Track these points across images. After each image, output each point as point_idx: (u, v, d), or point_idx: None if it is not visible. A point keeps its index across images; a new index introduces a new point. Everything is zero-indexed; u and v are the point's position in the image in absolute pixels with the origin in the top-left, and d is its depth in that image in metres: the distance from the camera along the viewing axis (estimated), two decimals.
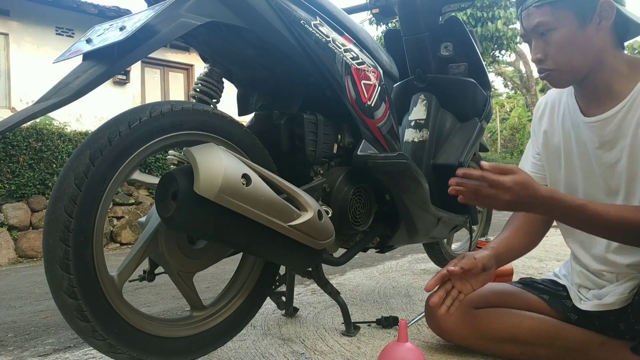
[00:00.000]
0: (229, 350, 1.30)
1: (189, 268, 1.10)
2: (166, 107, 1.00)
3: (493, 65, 11.97)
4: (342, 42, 1.25)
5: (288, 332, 1.45)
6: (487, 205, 0.98)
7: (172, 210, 0.93)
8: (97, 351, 1.10)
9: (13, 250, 3.91)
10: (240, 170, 0.95)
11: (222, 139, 1.08)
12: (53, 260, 0.87)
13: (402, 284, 2.10)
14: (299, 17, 1.13)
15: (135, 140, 0.95)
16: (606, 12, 0.95)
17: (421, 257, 2.82)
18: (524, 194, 0.93)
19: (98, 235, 0.91)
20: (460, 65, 1.82)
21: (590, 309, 1.10)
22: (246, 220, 0.97)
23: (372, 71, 1.32)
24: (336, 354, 1.24)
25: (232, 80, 1.32)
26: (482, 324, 1.19)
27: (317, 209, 1.09)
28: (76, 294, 0.87)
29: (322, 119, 1.27)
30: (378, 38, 9.64)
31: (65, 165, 0.90)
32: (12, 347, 1.44)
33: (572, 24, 0.96)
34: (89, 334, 0.91)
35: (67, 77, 0.86)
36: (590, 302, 1.11)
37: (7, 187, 3.94)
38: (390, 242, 1.54)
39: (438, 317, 1.20)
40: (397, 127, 1.47)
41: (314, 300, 1.85)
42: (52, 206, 0.88)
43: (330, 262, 1.35)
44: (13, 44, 7.47)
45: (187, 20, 0.94)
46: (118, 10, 8.04)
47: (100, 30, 0.93)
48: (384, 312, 1.64)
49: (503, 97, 23.03)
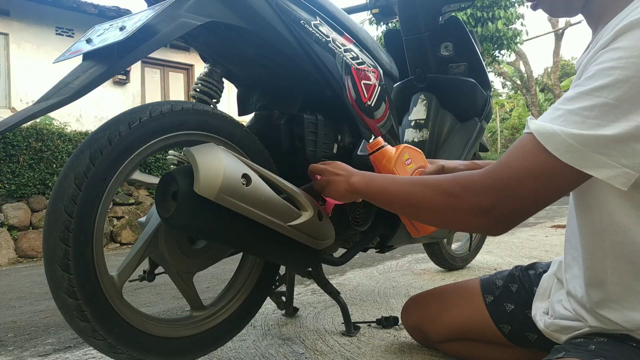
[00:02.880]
0: (229, 350, 1.30)
1: (189, 268, 1.10)
2: (166, 107, 1.00)
3: (493, 65, 11.97)
4: (342, 42, 1.25)
5: (288, 332, 1.45)
6: (326, 194, 1.05)
7: (172, 210, 0.93)
8: (97, 351, 1.10)
9: (13, 250, 3.91)
10: (240, 170, 0.95)
11: (222, 139, 1.08)
12: (53, 260, 0.87)
13: (402, 284, 2.10)
14: (299, 17, 1.13)
15: (135, 140, 0.95)
16: None
17: (421, 257, 2.82)
18: (337, 170, 1.00)
19: (98, 235, 0.91)
20: (460, 65, 1.82)
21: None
22: (246, 220, 0.97)
23: (372, 71, 1.32)
24: (336, 354, 1.24)
25: (232, 80, 1.32)
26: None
27: (317, 209, 1.09)
28: (76, 294, 0.87)
29: (322, 119, 1.27)
30: (378, 38, 9.64)
31: (65, 165, 0.90)
32: (12, 347, 1.44)
33: None
34: (89, 334, 0.91)
35: (67, 77, 0.86)
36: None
37: (7, 187, 3.94)
38: (390, 242, 1.54)
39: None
40: (397, 127, 1.47)
41: (314, 300, 1.85)
42: (52, 206, 0.88)
43: (330, 262, 1.35)
44: (13, 44, 7.48)
45: (187, 20, 0.94)
46: (118, 10, 8.05)
47: (100, 30, 0.93)
48: (384, 312, 1.64)
49: (503, 97, 23.04)
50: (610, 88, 0.63)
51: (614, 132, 0.62)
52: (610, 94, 0.63)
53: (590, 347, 0.79)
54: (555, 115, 0.68)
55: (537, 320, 0.99)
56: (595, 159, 0.64)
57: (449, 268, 2.37)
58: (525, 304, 1.05)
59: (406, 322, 1.28)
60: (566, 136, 0.65)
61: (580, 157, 0.64)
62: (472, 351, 1.16)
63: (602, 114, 0.63)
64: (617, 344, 0.78)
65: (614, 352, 0.76)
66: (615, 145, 0.63)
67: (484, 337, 1.12)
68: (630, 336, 0.79)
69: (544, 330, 0.96)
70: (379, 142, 1.08)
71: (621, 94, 0.62)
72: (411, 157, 1.07)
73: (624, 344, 0.78)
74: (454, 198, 0.76)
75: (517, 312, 1.06)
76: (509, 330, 1.07)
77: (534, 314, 1.01)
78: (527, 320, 1.04)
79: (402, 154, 1.06)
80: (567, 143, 0.65)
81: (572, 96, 0.67)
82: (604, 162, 0.64)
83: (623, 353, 0.76)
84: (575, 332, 0.87)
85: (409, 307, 1.28)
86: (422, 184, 0.82)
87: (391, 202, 0.89)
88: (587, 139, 0.64)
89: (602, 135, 0.63)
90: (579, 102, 0.66)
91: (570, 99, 0.67)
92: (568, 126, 0.65)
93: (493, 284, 1.14)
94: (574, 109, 0.66)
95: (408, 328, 1.29)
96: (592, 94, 0.65)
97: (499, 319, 1.08)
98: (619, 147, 0.63)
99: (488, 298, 1.12)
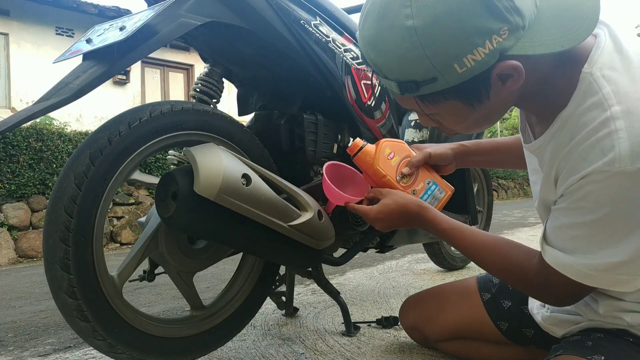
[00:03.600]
0: (229, 350, 1.30)
1: (189, 268, 1.10)
2: (166, 107, 1.00)
3: None
4: (342, 42, 1.25)
5: (288, 332, 1.45)
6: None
7: (172, 210, 0.93)
8: (97, 351, 1.10)
9: (13, 250, 3.91)
10: (240, 170, 0.95)
11: (222, 139, 1.08)
12: (53, 260, 0.87)
13: (402, 284, 2.10)
14: (299, 17, 1.13)
15: (135, 140, 0.95)
16: (509, 76, 0.65)
17: (421, 257, 2.82)
18: (392, 217, 0.97)
19: (98, 235, 0.91)
20: None
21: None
22: (246, 220, 0.97)
23: (371, 71, 1.32)
24: (336, 354, 1.24)
25: (232, 80, 1.32)
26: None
27: (317, 209, 1.09)
28: (76, 294, 0.87)
29: (322, 119, 1.27)
30: None
31: (65, 165, 0.90)
32: (12, 347, 1.44)
33: (460, 109, 0.71)
34: (89, 334, 0.91)
35: (67, 77, 0.86)
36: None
37: (7, 187, 3.94)
38: (390, 242, 1.54)
39: None
40: (397, 127, 1.47)
41: (314, 300, 1.85)
42: (52, 206, 0.88)
43: (330, 262, 1.35)
44: (13, 44, 7.48)
45: (187, 20, 0.94)
46: (118, 10, 8.05)
47: (100, 30, 0.93)
48: (384, 312, 1.64)
49: None
50: (601, 222, 0.67)
51: (622, 259, 0.67)
52: (604, 226, 0.68)
53: (587, 344, 0.80)
54: (564, 239, 0.73)
55: (534, 313, 1.00)
56: (615, 279, 0.70)
57: (448, 268, 2.37)
58: (521, 300, 1.06)
59: (404, 322, 1.29)
60: (580, 267, 0.71)
61: (600, 280, 0.71)
62: (470, 350, 1.16)
63: (605, 238, 0.68)
64: (615, 340, 0.79)
65: (611, 348, 0.77)
66: (628, 265, 0.68)
67: (482, 335, 1.12)
68: (627, 331, 0.79)
69: (541, 323, 0.96)
70: (357, 144, 1.06)
71: (614, 224, 0.67)
72: (393, 150, 1.06)
73: (621, 340, 0.79)
74: (516, 286, 0.87)
75: (514, 308, 1.07)
76: (506, 327, 1.08)
77: (531, 307, 1.02)
78: (523, 316, 1.04)
79: (383, 150, 1.05)
80: (583, 272, 0.71)
81: (570, 224, 0.71)
82: (624, 279, 0.70)
83: (621, 349, 0.77)
84: (573, 327, 0.88)
85: (407, 307, 1.28)
86: (490, 261, 0.88)
87: (466, 256, 0.94)
88: (599, 266, 0.69)
89: (612, 262, 0.68)
90: (578, 230, 0.70)
91: (570, 226, 0.71)
92: (578, 253, 0.71)
93: (490, 281, 1.14)
94: (578, 235, 0.71)
95: (406, 328, 1.29)
96: (588, 225, 0.69)
97: (496, 316, 1.09)
98: (632, 265, 0.68)
99: (485, 296, 1.12)
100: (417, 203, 0.96)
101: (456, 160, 1.13)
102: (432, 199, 1.07)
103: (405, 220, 0.97)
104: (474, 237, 0.90)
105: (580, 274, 0.71)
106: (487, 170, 2.37)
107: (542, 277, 0.78)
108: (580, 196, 0.68)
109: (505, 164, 1.17)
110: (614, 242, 0.67)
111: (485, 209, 2.38)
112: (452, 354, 1.20)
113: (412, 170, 1.06)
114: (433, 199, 1.07)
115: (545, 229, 0.77)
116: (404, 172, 1.05)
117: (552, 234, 0.75)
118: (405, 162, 1.07)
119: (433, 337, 1.20)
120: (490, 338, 1.11)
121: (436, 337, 1.19)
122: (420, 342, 1.28)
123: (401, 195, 0.98)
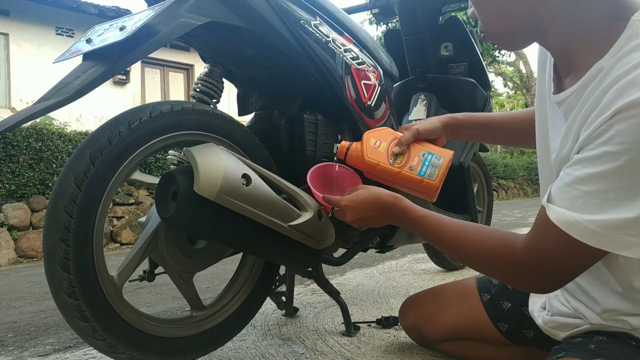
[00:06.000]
0: (229, 350, 1.30)
1: (189, 268, 1.10)
2: (166, 107, 1.00)
3: (493, 65, 11.97)
4: (342, 42, 1.25)
5: (288, 332, 1.45)
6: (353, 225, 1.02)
7: (172, 210, 0.93)
8: (97, 351, 1.09)
9: (13, 250, 3.91)
10: (240, 170, 0.95)
11: (222, 139, 1.08)
12: (53, 260, 0.87)
13: (402, 284, 2.10)
14: (299, 17, 1.13)
15: (135, 140, 0.95)
16: None
17: (421, 257, 2.82)
18: (365, 208, 0.96)
19: (98, 235, 0.91)
20: (460, 65, 1.82)
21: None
22: (246, 220, 0.97)
23: (372, 71, 1.32)
24: (336, 354, 1.24)
25: (232, 80, 1.32)
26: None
27: (317, 209, 1.09)
28: (76, 294, 0.87)
29: (322, 119, 1.27)
30: (378, 38, 9.64)
31: (65, 165, 0.90)
32: (12, 347, 1.44)
33: None
34: (89, 334, 0.91)
35: (67, 77, 0.86)
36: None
37: (7, 187, 3.94)
38: (390, 242, 1.54)
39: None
40: (397, 127, 1.47)
41: (314, 300, 1.85)
42: (52, 206, 0.88)
43: (330, 262, 1.35)
44: (13, 44, 7.48)
45: (187, 20, 0.94)
46: (118, 10, 8.05)
47: (100, 30, 0.93)
48: (384, 312, 1.64)
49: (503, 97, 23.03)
50: (621, 172, 0.63)
51: (635, 214, 0.63)
52: (622, 178, 0.63)
53: (589, 347, 0.79)
54: (573, 196, 0.68)
55: (535, 316, 0.99)
56: (623, 241, 0.65)
57: (449, 268, 2.37)
58: (521, 301, 1.06)
59: (403, 323, 1.28)
60: (588, 223, 0.66)
61: (607, 240, 0.65)
62: (470, 351, 1.16)
63: (619, 195, 0.64)
64: (617, 343, 0.78)
65: (614, 352, 0.76)
66: (639, 225, 0.63)
67: (482, 336, 1.12)
68: (630, 335, 0.79)
69: (542, 326, 0.96)
70: (343, 146, 1.07)
71: (634, 176, 0.63)
72: (378, 138, 1.06)
73: (623, 343, 0.78)
74: (500, 268, 0.81)
75: (513, 309, 1.07)
76: (506, 328, 1.07)
77: (532, 309, 1.01)
78: (524, 317, 1.04)
79: (368, 141, 1.05)
80: (591, 230, 0.65)
81: (584, 177, 0.66)
82: (632, 242, 0.64)
83: (623, 352, 0.76)
84: (574, 330, 0.88)
85: (406, 308, 1.28)
86: (470, 242, 0.84)
87: (442, 247, 0.91)
88: (609, 223, 0.64)
89: (624, 218, 0.64)
90: (592, 185, 0.66)
91: (583, 180, 0.67)
92: (588, 212, 0.66)
93: (489, 282, 1.14)
94: (590, 191, 0.66)
95: (406, 329, 1.29)
96: (605, 177, 0.64)
97: (496, 317, 1.09)
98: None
99: (485, 296, 1.12)
100: (391, 194, 0.96)
101: (446, 132, 1.12)
102: (432, 168, 1.04)
103: (379, 210, 0.96)
104: (453, 223, 0.88)
105: (587, 232, 0.65)
106: (487, 170, 2.37)
107: (533, 250, 0.74)
108: (605, 139, 0.64)
109: (495, 139, 1.17)
110: (630, 197, 0.63)
111: (485, 209, 2.38)
112: (452, 354, 1.20)
113: (402, 149, 1.05)
114: (433, 168, 1.04)
115: (550, 190, 0.72)
116: (395, 152, 1.05)
117: (560, 192, 0.70)
118: (394, 142, 1.07)
119: (432, 337, 1.20)
120: (490, 339, 1.11)
121: (436, 337, 1.19)
122: (420, 343, 1.28)
123: (376, 188, 0.98)
